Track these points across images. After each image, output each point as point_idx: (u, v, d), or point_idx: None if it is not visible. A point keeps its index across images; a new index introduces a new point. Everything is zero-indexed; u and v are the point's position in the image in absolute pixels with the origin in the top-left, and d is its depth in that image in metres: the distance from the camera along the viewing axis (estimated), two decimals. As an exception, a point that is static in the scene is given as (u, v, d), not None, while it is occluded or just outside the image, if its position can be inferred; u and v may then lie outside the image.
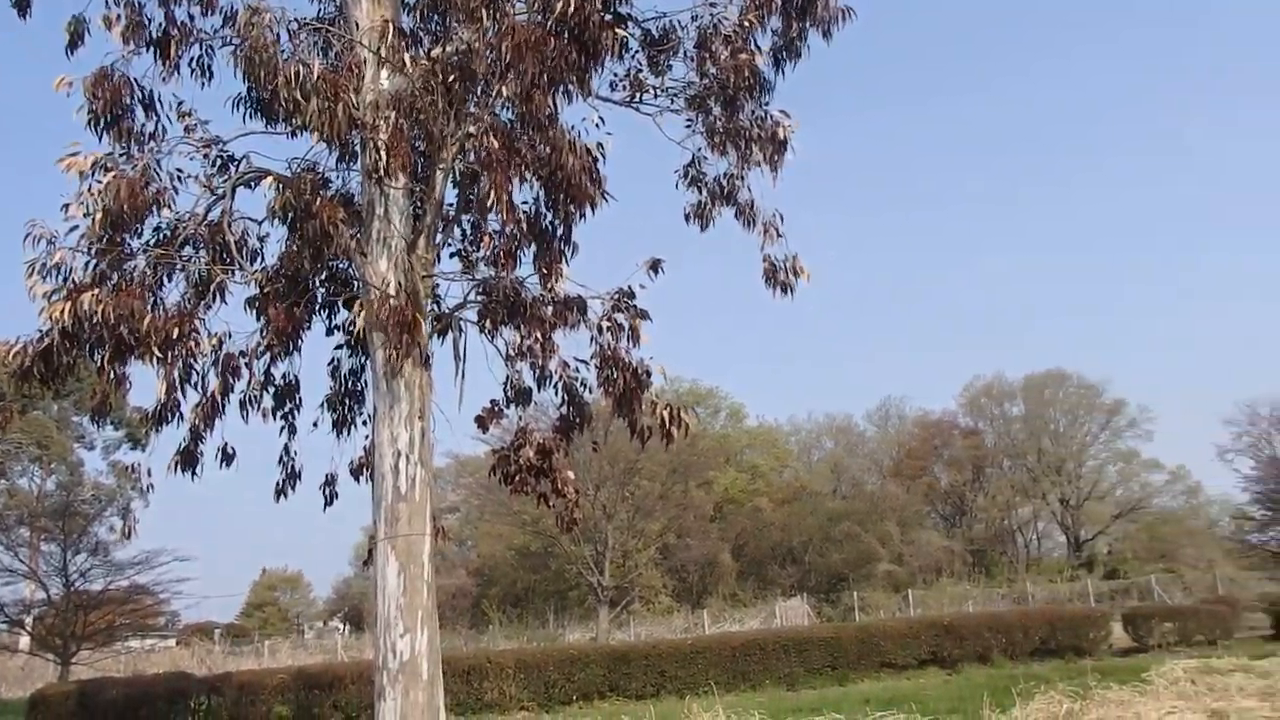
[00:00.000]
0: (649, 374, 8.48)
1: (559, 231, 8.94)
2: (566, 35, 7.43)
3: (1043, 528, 61.28)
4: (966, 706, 15.60)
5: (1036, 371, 60.24)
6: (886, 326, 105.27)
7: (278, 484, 10.06)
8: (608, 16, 8.03)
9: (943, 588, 44.90)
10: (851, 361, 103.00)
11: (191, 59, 9.17)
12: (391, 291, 7.77)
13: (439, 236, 9.01)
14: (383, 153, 7.59)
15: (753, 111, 9.19)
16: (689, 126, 9.66)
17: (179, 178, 8.80)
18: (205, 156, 9.11)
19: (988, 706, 13.61)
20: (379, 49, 7.89)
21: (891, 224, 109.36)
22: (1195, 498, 59.52)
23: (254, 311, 9.14)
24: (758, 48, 9.29)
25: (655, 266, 8.65)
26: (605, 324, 8.61)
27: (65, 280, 7.71)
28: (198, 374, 8.76)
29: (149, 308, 7.88)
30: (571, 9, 7.42)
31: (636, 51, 9.63)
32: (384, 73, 8.10)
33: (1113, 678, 18.88)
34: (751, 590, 47.00)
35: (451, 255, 9.79)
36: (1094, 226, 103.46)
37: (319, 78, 7.28)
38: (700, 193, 9.91)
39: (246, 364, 9.05)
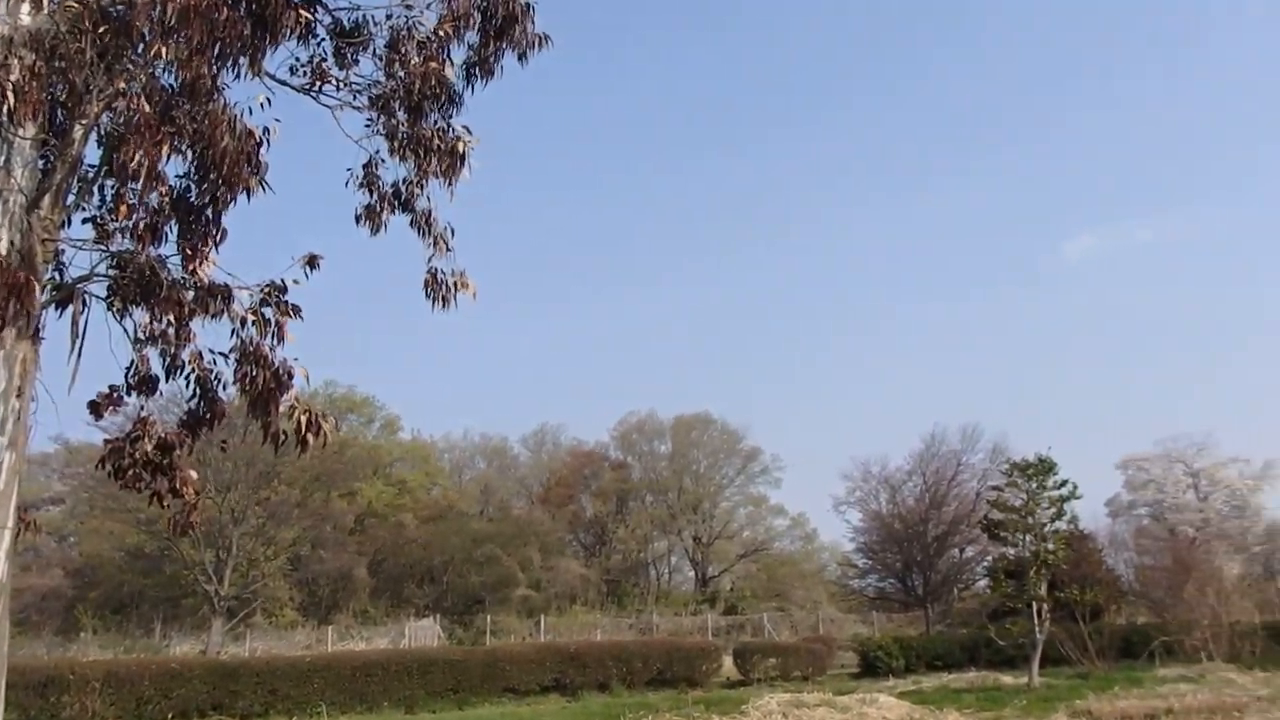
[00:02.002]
0: (292, 375, 8.00)
1: (209, 213, 8.28)
2: (243, 7, 6.93)
3: (675, 562, 64.56)
4: (579, 733, 16.05)
5: (686, 413, 63.80)
6: (559, 357, 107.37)
7: None
8: (295, -4, 7.60)
9: (575, 615, 46.06)
10: (517, 385, 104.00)
11: None
12: (2, 251, 6.84)
13: (71, 198, 8.06)
14: (10, 95, 6.67)
15: (436, 122, 9.04)
16: (369, 126, 9.32)
17: None
18: None
19: (598, 733, 14.08)
20: (18, -22, 6.98)
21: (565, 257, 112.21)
22: (810, 543, 65.64)
23: None
24: (451, 59, 9.16)
25: (312, 262, 8.21)
26: (251, 317, 8.04)
27: None
28: None
29: None
30: (254, -20, 6.94)
31: (323, 39, 9.18)
32: (25, 7, 7.16)
33: (716, 708, 20.19)
34: (385, 608, 45.83)
35: (85, 221, 8.77)
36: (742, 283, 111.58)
37: (-61, -3, 6.32)
38: (372, 195, 9.59)
39: None
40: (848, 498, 54.10)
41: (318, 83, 9.21)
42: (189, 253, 7.92)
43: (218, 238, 8.36)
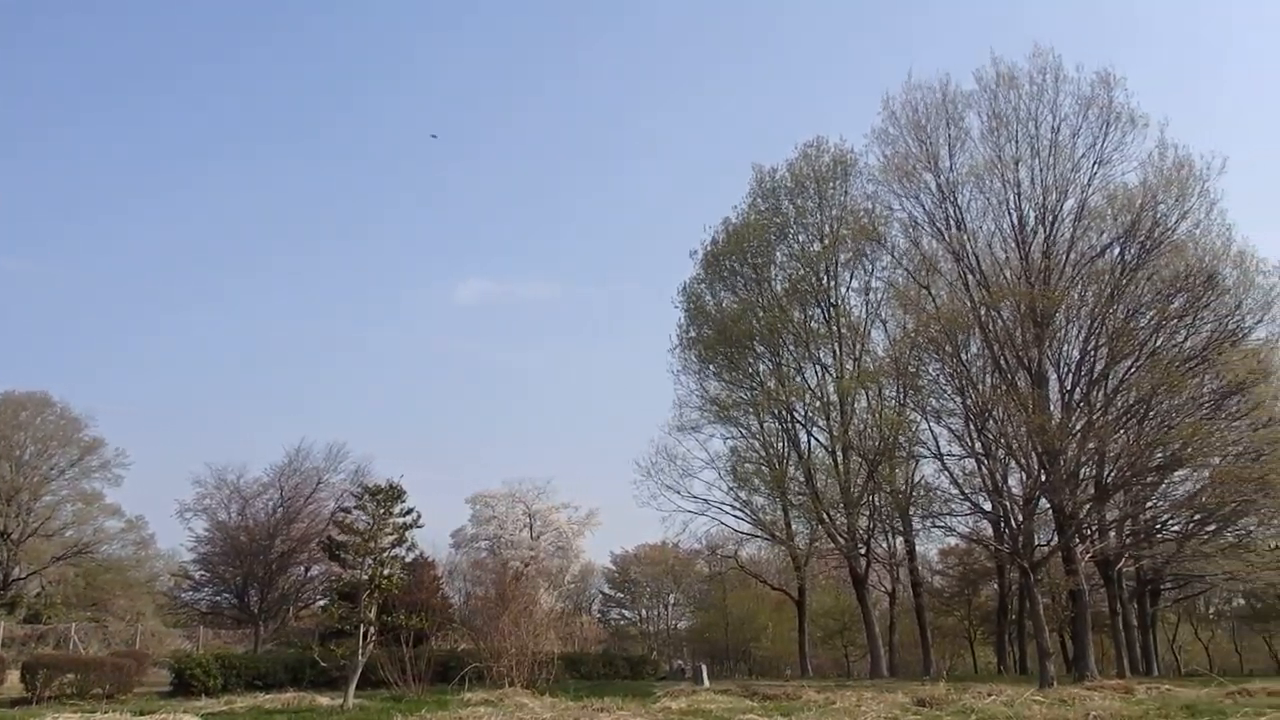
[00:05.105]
0: None
1: None
2: None
3: (-25, 560, 55.63)
4: None
5: (18, 390, 55.63)
6: None
7: None
8: None
9: None
10: None
11: None
12: None
13: None
14: None
15: None
16: None
17: None
18: None
19: None
20: None
21: None
22: (145, 550, 60.11)
23: None
24: None
25: None
26: None
27: None
28: None
29: None
30: None
31: None
32: None
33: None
34: None
35: None
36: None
37: None
38: None
39: None
40: (195, 505, 51.08)
41: None
42: None
43: None
